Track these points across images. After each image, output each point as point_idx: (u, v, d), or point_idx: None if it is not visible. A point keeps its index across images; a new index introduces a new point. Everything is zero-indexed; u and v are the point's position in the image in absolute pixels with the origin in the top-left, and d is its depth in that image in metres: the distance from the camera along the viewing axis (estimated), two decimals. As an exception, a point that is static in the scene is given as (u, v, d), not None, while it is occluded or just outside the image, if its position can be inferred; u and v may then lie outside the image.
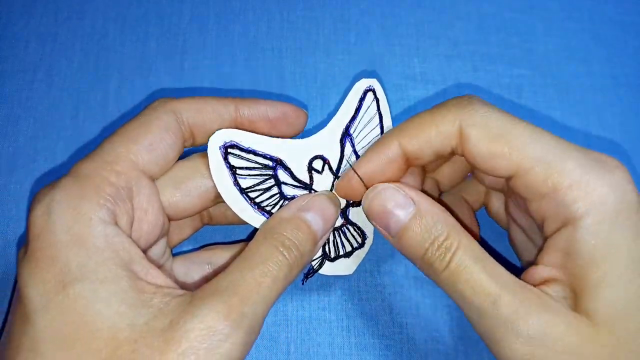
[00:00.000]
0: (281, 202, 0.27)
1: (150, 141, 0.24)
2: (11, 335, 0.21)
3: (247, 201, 0.26)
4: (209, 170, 0.25)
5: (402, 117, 0.36)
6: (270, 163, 0.27)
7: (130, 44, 0.37)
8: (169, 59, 0.37)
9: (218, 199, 0.26)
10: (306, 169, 0.27)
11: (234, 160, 0.26)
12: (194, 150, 0.27)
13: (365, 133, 0.29)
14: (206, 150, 0.25)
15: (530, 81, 0.38)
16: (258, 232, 0.25)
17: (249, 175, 0.26)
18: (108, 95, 0.35)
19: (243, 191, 0.26)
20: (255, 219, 0.26)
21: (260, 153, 0.26)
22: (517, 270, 0.25)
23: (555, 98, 0.38)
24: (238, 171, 0.26)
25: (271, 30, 0.38)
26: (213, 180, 0.25)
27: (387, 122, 0.29)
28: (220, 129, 0.26)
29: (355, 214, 0.29)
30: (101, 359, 0.19)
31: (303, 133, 0.29)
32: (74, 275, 0.20)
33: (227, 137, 0.25)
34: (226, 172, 0.25)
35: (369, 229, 0.29)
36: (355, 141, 0.28)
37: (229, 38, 0.38)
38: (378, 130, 0.29)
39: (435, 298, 0.32)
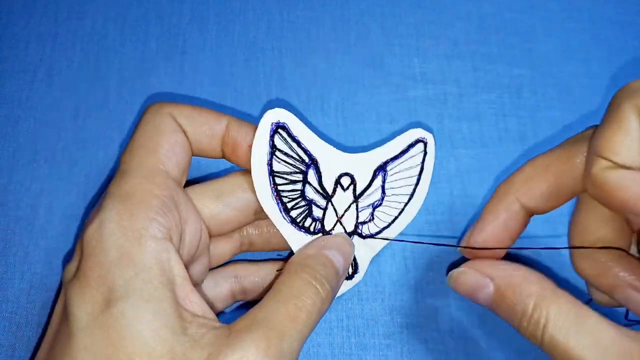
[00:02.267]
0: (299, 200, 0.27)
1: (167, 147, 0.24)
2: (53, 351, 0.21)
3: (270, 183, 0.26)
4: (251, 186, 0.26)
5: (402, 117, 0.36)
6: (307, 160, 0.27)
7: (130, 44, 0.37)
8: (169, 59, 0.37)
9: (258, 214, 0.27)
10: (334, 180, 0.27)
11: (278, 141, 0.26)
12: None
13: (400, 177, 0.29)
14: (244, 169, 0.26)
15: (530, 81, 0.38)
16: (287, 265, 0.25)
17: (284, 161, 0.26)
18: (108, 95, 0.35)
19: (272, 172, 0.26)
20: (269, 202, 0.26)
21: (303, 147, 0.27)
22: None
23: (555, 98, 0.38)
24: (277, 152, 0.26)
25: (271, 30, 0.38)
26: (252, 148, 0.25)
27: (426, 178, 0.29)
28: (207, 141, 0.26)
29: (355, 245, 0.29)
30: None
31: (343, 147, 0.30)
32: (119, 293, 0.20)
33: (284, 117, 0.26)
34: (266, 148, 0.26)
35: (363, 265, 0.29)
36: (388, 179, 0.28)
37: (229, 38, 0.38)
38: (414, 180, 0.29)
39: (435, 298, 0.32)
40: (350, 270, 0.29)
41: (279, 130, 0.26)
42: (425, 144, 0.29)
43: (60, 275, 0.31)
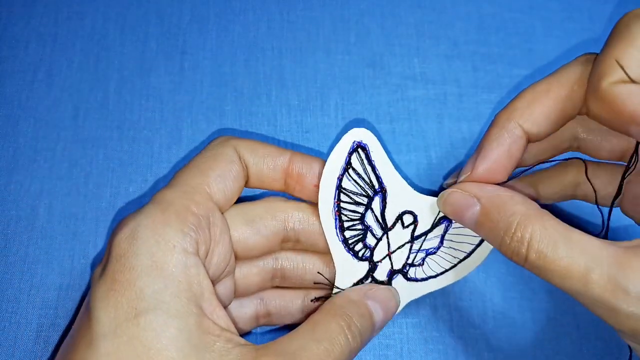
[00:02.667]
0: (356, 223, 0.27)
1: (219, 173, 0.25)
2: (74, 354, 0.21)
3: (335, 197, 0.26)
4: (281, 211, 0.26)
5: (402, 117, 0.36)
6: (377, 186, 0.27)
7: (130, 44, 0.37)
8: (169, 59, 0.37)
9: (285, 242, 0.27)
10: (397, 214, 0.27)
11: (354, 160, 0.26)
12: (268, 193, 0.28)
13: (463, 233, 0.27)
14: (275, 194, 0.27)
15: (530, 81, 0.38)
16: (327, 304, 0.25)
17: (354, 180, 0.26)
18: (108, 95, 0.35)
19: (339, 187, 0.26)
20: (327, 215, 0.26)
21: (377, 172, 0.27)
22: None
23: (555, 98, 0.38)
24: (350, 170, 0.26)
25: (271, 30, 0.38)
26: (329, 158, 0.26)
27: (488, 245, 0.28)
28: (269, 173, 0.26)
29: (397, 285, 0.28)
30: None
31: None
32: (147, 304, 0.20)
33: (367, 139, 0.26)
34: (342, 163, 0.26)
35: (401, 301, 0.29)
36: (450, 230, 0.28)
37: (229, 38, 0.38)
38: (476, 241, 0.28)
39: (435, 298, 0.32)
40: None
41: (359, 149, 0.26)
42: None
43: (60, 275, 0.31)
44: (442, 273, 0.28)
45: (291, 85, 0.37)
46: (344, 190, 0.26)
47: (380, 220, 0.27)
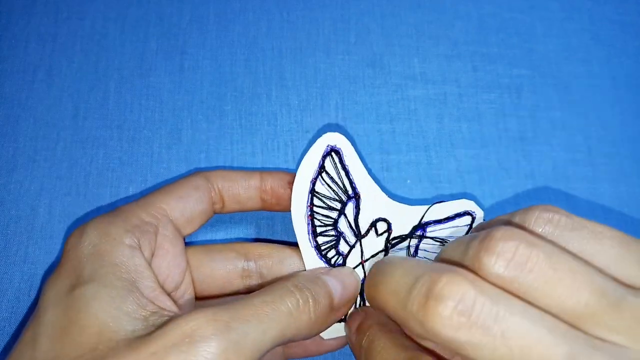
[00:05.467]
0: (329, 228, 0.27)
1: (180, 194, 0.26)
2: (24, 332, 0.22)
3: (308, 201, 0.26)
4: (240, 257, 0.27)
5: (402, 117, 0.36)
6: (350, 192, 0.26)
7: (130, 44, 0.37)
8: (169, 59, 0.37)
9: (246, 278, 0.27)
10: (370, 221, 0.27)
11: (328, 164, 0.26)
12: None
13: (435, 242, 0.27)
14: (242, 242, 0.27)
15: (530, 81, 0.38)
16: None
17: (328, 185, 0.26)
18: (108, 95, 0.35)
19: (312, 191, 0.26)
20: (300, 222, 0.26)
21: (350, 178, 0.26)
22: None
23: (555, 98, 0.38)
24: (323, 174, 0.26)
25: (271, 30, 0.38)
26: (303, 160, 0.26)
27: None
28: (245, 194, 0.27)
29: None
30: (82, 352, 0.20)
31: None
32: (83, 279, 0.22)
33: (341, 144, 0.26)
34: (315, 166, 0.26)
35: None
36: (425, 240, 0.27)
37: (229, 38, 0.38)
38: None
39: (435, 298, 0.32)
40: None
41: (333, 153, 0.26)
42: (473, 219, 0.27)
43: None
44: None
45: (291, 85, 0.37)
46: (317, 194, 0.26)
47: (354, 227, 0.27)
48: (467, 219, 0.27)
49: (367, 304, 0.26)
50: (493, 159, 0.36)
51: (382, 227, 0.27)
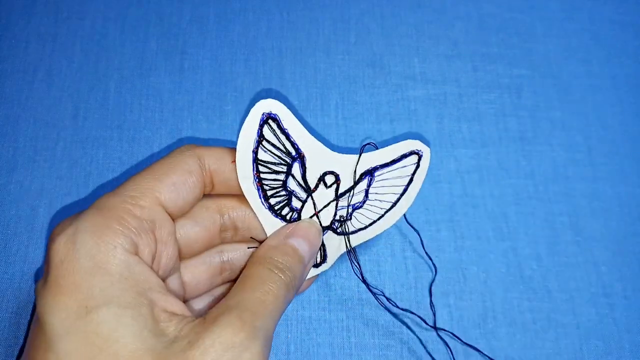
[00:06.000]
0: (280, 189, 0.27)
1: (174, 181, 0.25)
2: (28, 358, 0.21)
3: (253, 170, 0.26)
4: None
5: (402, 117, 0.36)
6: (294, 153, 0.27)
7: (130, 44, 0.37)
8: (169, 59, 0.37)
9: (224, 232, 0.27)
10: (318, 176, 0.27)
11: (267, 132, 0.26)
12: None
13: (388, 184, 0.28)
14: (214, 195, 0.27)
15: (530, 81, 0.38)
16: (250, 260, 0.26)
17: (271, 152, 0.26)
18: (108, 95, 0.35)
19: (256, 160, 0.26)
20: (250, 190, 0.27)
21: (292, 140, 0.26)
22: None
23: (555, 98, 0.38)
24: (264, 142, 0.26)
25: (271, 30, 0.38)
26: (240, 134, 0.26)
27: (414, 191, 0.29)
28: (234, 176, 0.27)
29: (327, 238, 0.29)
30: None
31: (343, 147, 0.31)
32: (98, 301, 0.20)
33: (275, 109, 0.26)
34: (254, 137, 0.26)
35: (332, 256, 0.29)
36: (374, 184, 0.28)
37: (229, 38, 0.38)
38: (400, 190, 0.29)
39: (435, 298, 0.32)
40: (319, 259, 0.29)
41: (269, 121, 0.26)
42: (420, 157, 0.28)
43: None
44: (370, 225, 0.29)
45: (291, 85, 0.37)
46: (261, 163, 0.26)
47: (303, 184, 0.27)
48: (413, 159, 0.28)
49: None
50: (493, 159, 0.36)
51: (330, 179, 0.28)
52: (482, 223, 0.34)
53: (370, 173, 0.28)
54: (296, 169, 0.27)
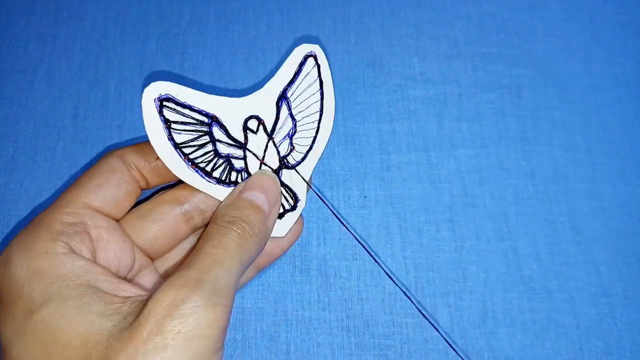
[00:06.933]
0: (216, 159, 0.27)
1: (98, 182, 0.25)
2: None
3: (181, 157, 0.26)
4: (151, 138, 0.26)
5: (402, 117, 0.36)
6: (205, 119, 0.26)
7: (130, 44, 0.37)
8: (169, 59, 0.37)
9: (191, 220, 0.27)
10: (241, 128, 0.27)
11: (169, 114, 0.25)
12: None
13: (304, 97, 0.28)
14: (166, 187, 0.26)
15: (530, 81, 0.38)
16: (208, 222, 0.26)
17: (184, 130, 0.26)
18: (108, 95, 0.35)
19: (177, 146, 0.26)
20: (190, 175, 0.26)
21: (196, 109, 0.26)
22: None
23: (555, 98, 0.38)
24: (173, 125, 0.25)
25: (271, 30, 0.38)
26: (146, 130, 0.25)
27: (329, 89, 0.29)
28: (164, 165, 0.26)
29: (287, 177, 0.28)
30: None
31: (239, 93, 0.29)
32: (39, 302, 0.21)
33: (163, 89, 0.25)
34: (160, 125, 0.25)
35: (301, 192, 0.29)
36: (293, 105, 0.28)
37: (229, 38, 0.38)
38: (318, 96, 0.29)
39: (435, 298, 0.32)
40: (292, 202, 0.29)
41: (165, 103, 0.25)
42: (315, 57, 0.28)
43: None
44: (314, 141, 0.29)
45: (291, 85, 0.37)
46: (182, 145, 0.26)
47: (232, 142, 0.27)
48: (311, 62, 0.28)
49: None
50: (493, 159, 0.36)
51: (253, 124, 0.27)
52: (482, 223, 0.34)
53: (283, 97, 0.28)
54: (218, 133, 0.27)
